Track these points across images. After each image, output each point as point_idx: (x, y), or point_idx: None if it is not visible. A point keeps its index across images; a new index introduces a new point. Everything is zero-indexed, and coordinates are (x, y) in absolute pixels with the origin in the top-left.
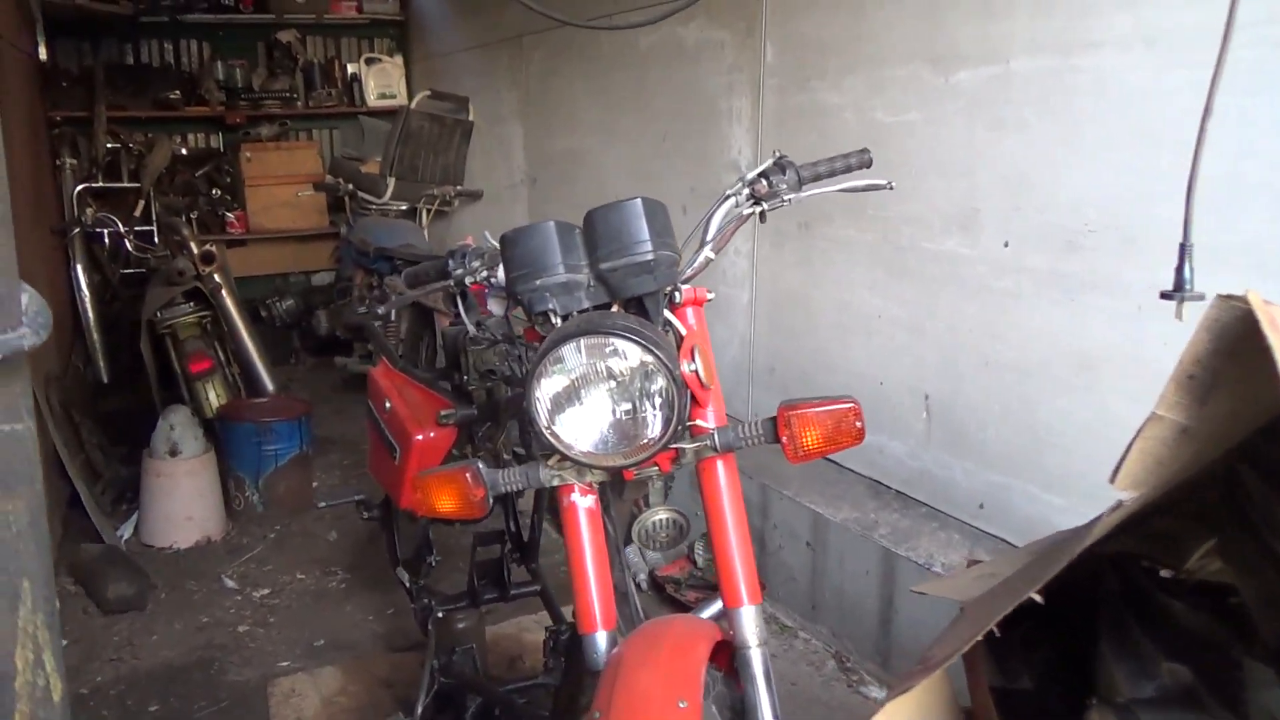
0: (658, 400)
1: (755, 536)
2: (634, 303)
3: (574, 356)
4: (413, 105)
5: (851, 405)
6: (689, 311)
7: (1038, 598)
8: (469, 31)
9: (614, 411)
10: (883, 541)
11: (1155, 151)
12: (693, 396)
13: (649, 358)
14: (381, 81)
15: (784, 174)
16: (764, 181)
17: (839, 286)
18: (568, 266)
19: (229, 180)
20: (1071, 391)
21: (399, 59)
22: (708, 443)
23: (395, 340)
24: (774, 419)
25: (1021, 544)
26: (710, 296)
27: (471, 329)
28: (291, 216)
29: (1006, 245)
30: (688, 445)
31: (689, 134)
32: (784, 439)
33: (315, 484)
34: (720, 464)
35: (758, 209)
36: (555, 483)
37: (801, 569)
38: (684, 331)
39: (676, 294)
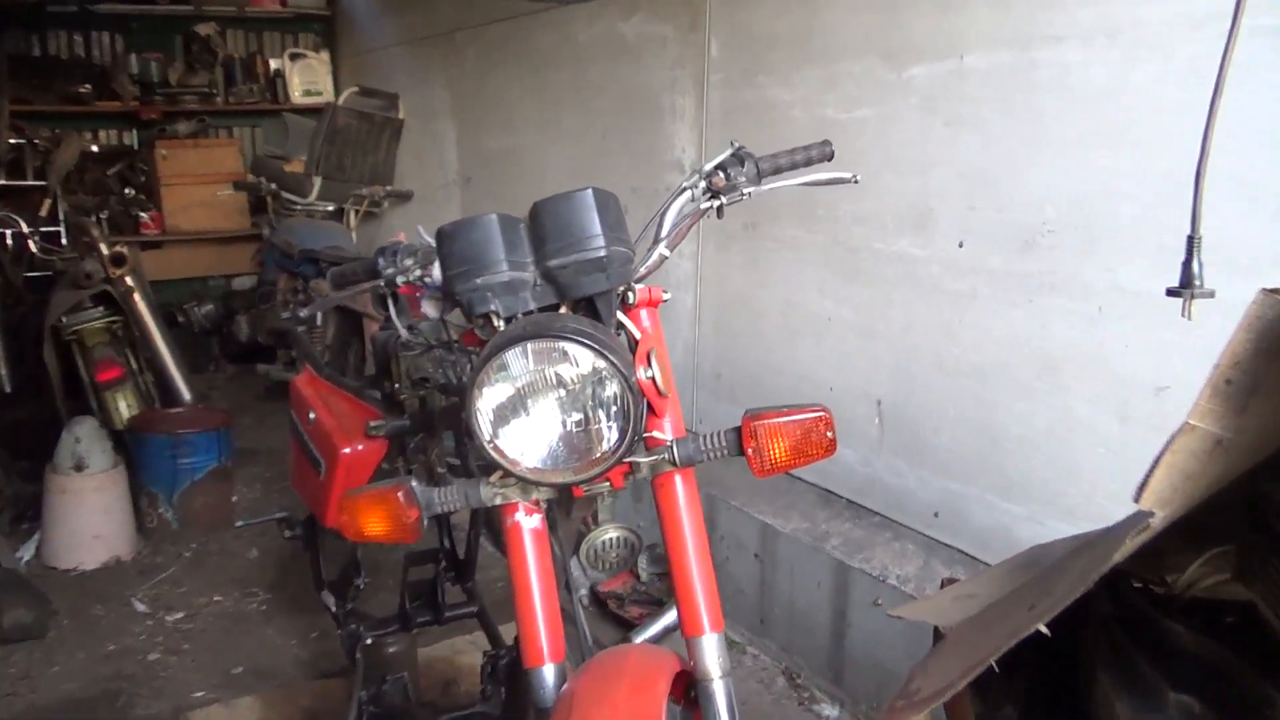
0: (612, 410)
1: None
2: (584, 304)
3: (519, 363)
4: (340, 101)
5: (821, 414)
6: (643, 313)
7: (1044, 629)
8: (399, 26)
9: (564, 423)
10: (835, 553)
11: (1118, 149)
12: (649, 405)
13: (602, 363)
14: (307, 78)
15: (742, 166)
16: (721, 174)
17: (787, 288)
18: (512, 264)
19: (144, 179)
20: (1031, 395)
21: (325, 55)
22: (665, 456)
23: (321, 346)
24: (738, 430)
25: (978, 553)
26: (666, 297)
27: (403, 333)
28: (210, 217)
29: (962, 245)
30: (643, 459)
31: (630, 132)
32: (749, 451)
33: (235, 499)
34: (679, 479)
35: (715, 203)
36: (498, 501)
37: (749, 582)
38: (638, 335)
39: (630, 294)
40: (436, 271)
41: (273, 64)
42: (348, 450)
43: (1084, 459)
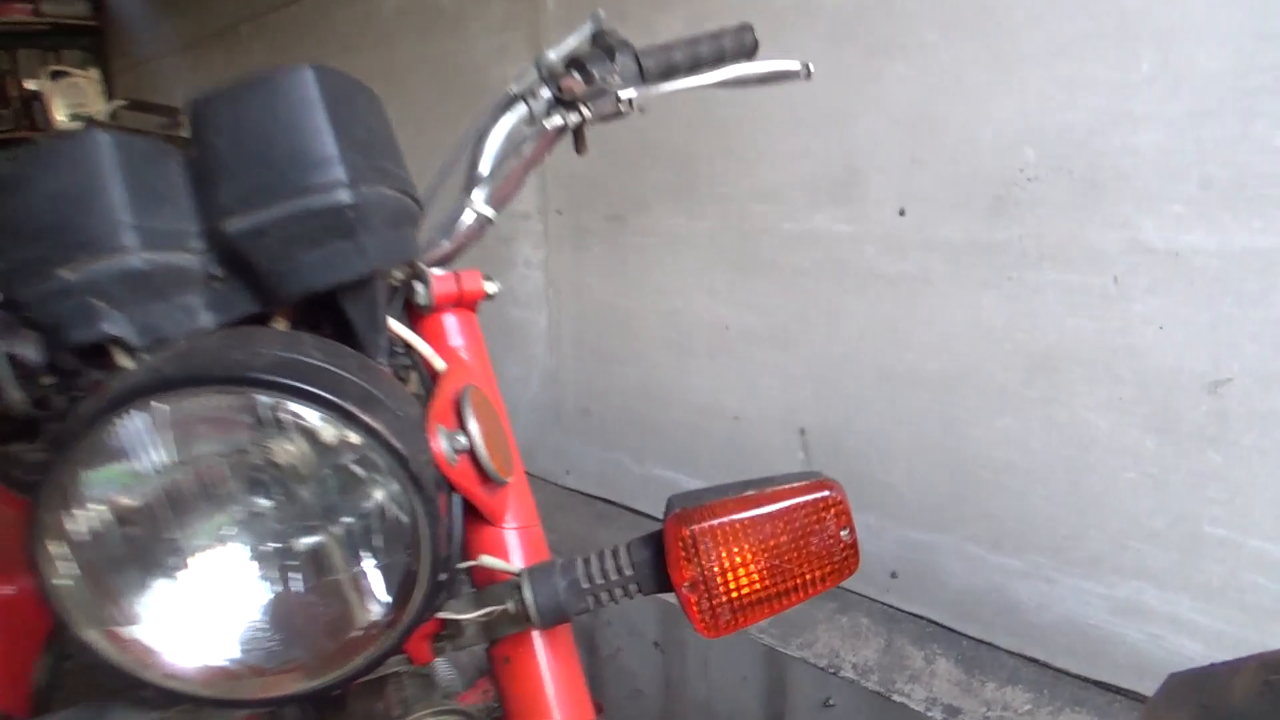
0: (377, 534)
1: (582, 637)
2: (322, 310)
3: (148, 446)
4: (102, 118)
5: (826, 493)
6: (449, 323)
7: None
8: (179, 28)
9: (270, 576)
10: (764, 637)
11: (1129, 53)
12: (469, 506)
13: (352, 435)
14: (72, 99)
15: (612, 60)
16: (576, 74)
17: (668, 294)
18: (149, 235)
19: None
20: (1020, 407)
21: (95, 72)
22: (508, 605)
23: None
24: (655, 539)
25: (960, 625)
26: (493, 289)
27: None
28: None
29: (904, 214)
30: (464, 615)
31: (454, 119)
32: (684, 588)
33: None
34: (540, 645)
35: (571, 120)
36: None
37: (650, 678)
38: (441, 366)
39: (419, 286)
40: None
41: (29, 85)
42: (9, 591)
43: (1106, 488)
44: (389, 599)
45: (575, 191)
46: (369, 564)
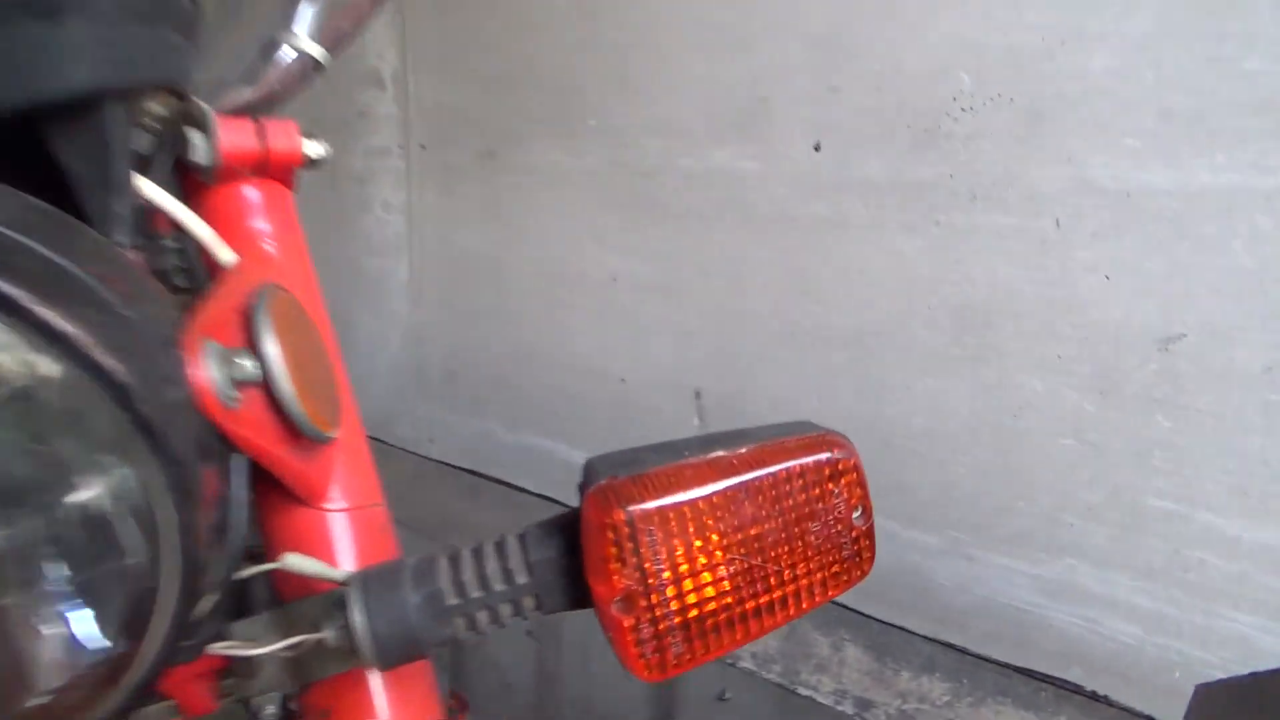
0: (77, 528)
1: None
2: (30, 164)
3: None
4: None
5: (832, 454)
6: (247, 199)
7: None
8: None
9: None
10: None
11: None
12: (265, 476)
13: (43, 356)
14: None
15: None
16: None
17: (547, 242)
18: None
19: None
20: (945, 367)
21: None
22: (326, 634)
23: None
24: (567, 523)
25: (870, 608)
26: (317, 152)
27: None
28: None
29: (818, 149)
30: (256, 649)
31: None
32: (614, 605)
33: None
34: (377, 693)
35: None
36: None
37: (520, 671)
38: (230, 258)
39: (196, 138)
40: None
41: None
42: None
43: (1039, 457)
44: (106, 640)
45: (442, 123)
46: (61, 579)
